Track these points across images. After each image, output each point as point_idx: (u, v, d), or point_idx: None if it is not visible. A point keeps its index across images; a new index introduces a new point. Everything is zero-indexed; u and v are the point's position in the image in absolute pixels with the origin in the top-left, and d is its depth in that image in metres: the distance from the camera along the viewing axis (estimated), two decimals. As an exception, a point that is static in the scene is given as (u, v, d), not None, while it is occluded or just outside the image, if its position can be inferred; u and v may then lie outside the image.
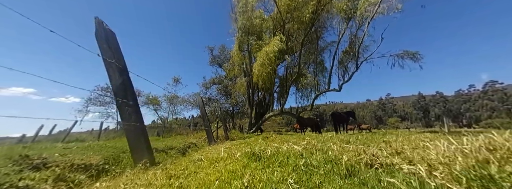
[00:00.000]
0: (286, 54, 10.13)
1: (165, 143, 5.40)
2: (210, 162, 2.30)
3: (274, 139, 4.83)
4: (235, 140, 8.94)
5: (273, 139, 4.95)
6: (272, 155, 2.17)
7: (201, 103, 5.82)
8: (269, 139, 5.17)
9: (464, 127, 57.26)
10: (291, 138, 5.06)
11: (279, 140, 4.60)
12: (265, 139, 5.31)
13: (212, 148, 4.83)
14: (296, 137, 5.11)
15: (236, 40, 14.24)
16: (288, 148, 2.69)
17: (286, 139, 5.00)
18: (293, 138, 4.88)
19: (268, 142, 4.30)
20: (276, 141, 4.44)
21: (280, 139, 4.77)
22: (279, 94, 15.75)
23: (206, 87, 24.02)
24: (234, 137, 10.23)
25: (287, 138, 4.99)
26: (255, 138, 6.01)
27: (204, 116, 5.83)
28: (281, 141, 4.10)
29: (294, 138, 4.86)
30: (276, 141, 4.44)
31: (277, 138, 5.12)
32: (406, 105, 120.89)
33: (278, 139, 4.97)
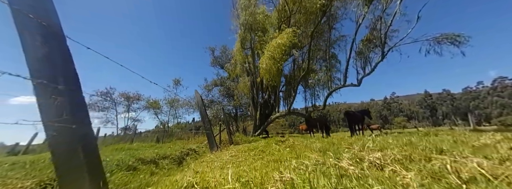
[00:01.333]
0: (293, 48, 9.22)
1: (158, 151, 4.45)
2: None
3: (294, 144, 3.83)
4: (240, 145, 7.96)
5: (291, 143, 3.95)
6: None
7: (200, 101, 4.91)
8: (285, 143, 4.17)
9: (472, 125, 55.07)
10: (312, 142, 4.06)
11: (302, 145, 3.59)
12: (280, 143, 4.31)
13: (214, 156, 3.85)
14: (319, 141, 4.11)
15: (238, 37, 13.42)
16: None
17: (306, 143, 3.99)
18: (315, 142, 3.88)
19: (288, 148, 3.31)
20: (298, 147, 3.43)
21: (301, 144, 3.76)
22: (285, 93, 14.76)
23: (207, 89, 23.23)
24: (239, 140, 9.28)
25: (308, 143, 3.98)
26: (266, 143, 5.03)
27: (204, 117, 4.90)
28: (307, 148, 3.09)
29: (317, 142, 3.86)
30: (298, 147, 3.43)
31: (296, 142, 4.11)
32: (412, 104, 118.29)
33: (298, 143, 3.97)
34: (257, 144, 5.70)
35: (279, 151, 3.05)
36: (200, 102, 4.89)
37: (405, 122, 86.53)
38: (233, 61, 16.13)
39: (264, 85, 15.77)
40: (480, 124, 69.27)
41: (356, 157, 1.76)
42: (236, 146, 6.90)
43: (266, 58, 8.12)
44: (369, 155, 1.74)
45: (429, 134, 4.20)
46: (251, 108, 16.83)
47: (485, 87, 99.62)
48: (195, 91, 5.10)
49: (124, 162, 2.77)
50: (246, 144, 7.19)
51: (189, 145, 6.17)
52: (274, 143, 4.35)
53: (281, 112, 13.64)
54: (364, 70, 9.31)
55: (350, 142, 2.87)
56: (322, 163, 1.57)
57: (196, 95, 5.07)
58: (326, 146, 2.96)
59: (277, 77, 8.78)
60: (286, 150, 3.11)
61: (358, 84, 9.49)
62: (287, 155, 2.45)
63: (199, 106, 4.96)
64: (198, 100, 4.97)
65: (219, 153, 4.33)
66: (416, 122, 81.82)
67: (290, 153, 2.70)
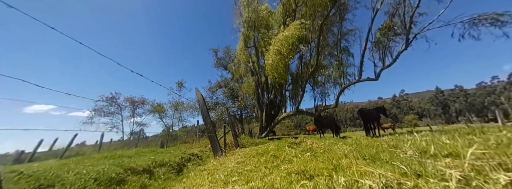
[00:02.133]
0: (300, 43, 8.62)
1: (155, 157, 3.91)
2: None
3: (312, 147, 3.18)
4: (246, 147, 7.36)
5: (310, 146, 3.30)
6: None
7: (201, 100, 4.38)
8: (301, 146, 3.53)
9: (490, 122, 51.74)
10: (333, 143, 3.40)
11: (324, 148, 2.94)
12: (295, 146, 3.67)
13: (217, 162, 3.27)
14: (342, 142, 3.45)
15: (241, 36, 12.96)
16: None
17: (328, 144, 3.34)
18: (338, 143, 3.23)
19: (307, 152, 2.69)
20: (320, 151, 2.78)
21: (322, 147, 3.10)
22: (292, 92, 14.09)
23: (211, 91, 22.90)
24: (245, 143, 8.69)
25: (330, 144, 3.33)
26: (277, 145, 4.41)
27: (206, 117, 4.35)
28: (334, 153, 2.45)
29: (341, 143, 3.21)
30: (320, 151, 2.78)
31: (314, 143, 3.45)
32: (422, 102, 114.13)
33: (317, 145, 3.32)
34: (266, 147, 5.09)
35: (297, 157, 2.43)
36: (201, 101, 4.36)
37: (416, 120, 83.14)
38: (237, 61, 15.67)
39: (269, 85, 15.18)
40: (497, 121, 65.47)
41: (436, 170, 1.13)
42: (243, 149, 6.31)
43: (272, 54, 7.54)
44: (452, 166, 1.11)
45: (473, 132, 3.44)
46: (256, 109, 16.24)
47: (501, 82, 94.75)
48: (196, 89, 4.58)
49: (105, 174, 2.24)
50: (253, 147, 6.58)
51: (191, 150, 5.64)
52: (287, 146, 3.72)
53: (289, 112, 12.96)
54: (383, 62, 8.38)
55: (392, 144, 2.21)
56: (398, 183, 0.95)
57: (196, 94, 4.55)
58: (359, 150, 2.32)
59: (284, 74, 8.16)
60: (305, 154, 2.48)
61: (376, 78, 8.60)
62: (315, 164, 1.83)
63: (200, 106, 4.43)
64: (199, 99, 4.44)
65: (223, 158, 3.75)
66: (428, 120, 78.51)
67: (315, 160, 2.07)
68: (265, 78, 14.89)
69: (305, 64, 10.64)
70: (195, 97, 4.51)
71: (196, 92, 4.55)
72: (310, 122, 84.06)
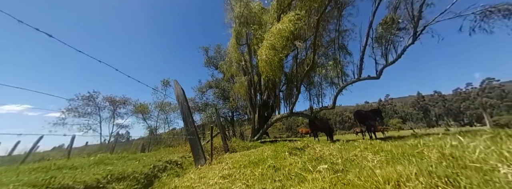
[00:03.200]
0: (295, 39, 8.09)
1: (115, 168, 2.97)
2: None
3: (324, 155, 2.46)
4: (237, 152, 6.53)
5: (320, 153, 2.58)
6: None
7: (181, 94, 3.53)
8: (308, 152, 2.80)
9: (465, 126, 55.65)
10: (348, 149, 2.72)
11: (343, 157, 2.23)
12: (298, 152, 2.93)
13: (197, 176, 2.45)
14: (353, 147, 2.79)
15: (233, 32, 12.25)
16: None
17: (341, 150, 2.64)
18: (358, 148, 2.55)
19: (322, 163, 1.97)
20: (339, 163, 2.07)
21: (338, 154, 2.40)
22: (286, 93, 13.53)
23: (201, 91, 21.80)
24: (235, 147, 7.83)
25: (342, 150, 2.64)
26: (274, 151, 3.66)
27: (187, 116, 3.51)
28: (362, 167, 1.75)
29: (361, 148, 2.54)
30: (339, 163, 2.07)
31: (324, 150, 2.73)
32: (405, 106, 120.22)
33: (328, 151, 2.60)
34: (260, 152, 4.31)
35: (309, 172, 1.71)
36: (181, 96, 3.52)
37: (401, 123, 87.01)
38: (228, 59, 14.88)
39: (262, 85, 14.53)
40: (472, 125, 70.36)
41: None
42: (233, 154, 5.47)
43: (266, 48, 6.90)
44: None
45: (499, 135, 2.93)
46: (248, 110, 15.46)
47: (474, 89, 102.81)
48: (174, 82, 3.74)
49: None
50: (245, 152, 5.77)
51: (171, 156, 4.70)
52: (288, 152, 2.99)
53: (283, 114, 12.32)
54: (386, 59, 7.94)
55: (420, 150, 1.58)
56: None
57: (175, 88, 3.70)
58: (398, 159, 1.64)
59: (278, 71, 7.52)
60: (320, 167, 1.76)
61: (377, 76, 8.16)
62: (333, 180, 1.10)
63: (179, 102, 3.58)
64: (178, 93, 3.59)
65: (207, 168, 2.92)
66: (412, 123, 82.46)
67: (345, 181, 1.34)
68: (258, 78, 14.23)
69: (301, 63, 10.13)
70: (174, 92, 3.66)
71: (175, 86, 3.70)
72: (301, 125, 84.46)
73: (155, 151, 9.79)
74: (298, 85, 9.86)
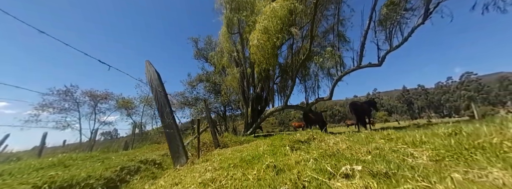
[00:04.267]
0: (291, 26, 7.43)
1: (66, 173, 2.25)
2: None
3: (342, 149, 1.92)
4: (229, 147, 5.97)
5: (335, 148, 2.03)
6: None
7: (156, 78, 2.80)
8: (315, 146, 2.25)
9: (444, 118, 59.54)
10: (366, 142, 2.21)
11: (363, 152, 1.70)
12: (302, 146, 2.39)
13: (169, 182, 1.81)
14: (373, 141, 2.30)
15: (224, 19, 11.28)
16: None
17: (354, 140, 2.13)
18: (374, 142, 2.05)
19: (348, 164, 1.40)
20: (365, 156, 1.53)
21: (357, 149, 1.86)
22: (281, 85, 13.02)
23: (191, 85, 20.71)
24: (227, 141, 7.28)
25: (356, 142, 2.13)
26: (271, 145, 3.12)
27: (164, 104, 2.81)
28: None
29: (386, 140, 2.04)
30: (365, 156, 1.53)
31: (340, 144, 2.20)
32: (391, 99, 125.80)
33: (344, 146, 2.07)
34: (254, 147, 3.76)
35: (333, 177, 1.15)
36: (155, 80, 2.78)
37: (387, 116, 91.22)
38: (219, 49, 13.94)
39: (255, 78, 13.87)
40: (451, 116, 75.30)
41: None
42: (223, 150, 4.88)
43: (258, 32, 6.19)
44: None
45: None
46: (241, 104, 14.85)
47: (454, 82, 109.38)
48: (146, 63, 2.97)
49: None
50: (237, 147, 5.21)
51: (148, 154, 4.01)
52: (289, 147, 2.44)
53: (277, 107, 11.86)
54: (391, 43, 7.37)
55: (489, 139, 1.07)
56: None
57: (147, 70, 2.94)
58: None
59: (272, 59, 6.90)
60: (347, 169, 1.21)
61: (379, 63, 7.73)
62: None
63: (153, 88, 2.85)
64: (151, 78, 2.84)
65: (186, 169, 2.30)
66: (397, 116, 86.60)
67: None
68: (251, 70, 13.53)
69: (296, 53, 9.55)
70: (146, 75, 2.91)
71: (147, 68, 2.93)
72: (294, 119, 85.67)
73: (139, 148, 8.99)
74: (293, 76, 9.33)
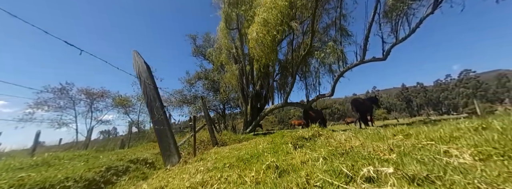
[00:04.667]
0: (291, 20, 7.12)
1: (40, 174, 2.00)
2: None
3: (355, 147, 1.67)
4: (227, 145, 5.75)
5: (348, 145, 1.78)
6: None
7: (145, 70, 2.52)
8: (321, 143, 2.01)
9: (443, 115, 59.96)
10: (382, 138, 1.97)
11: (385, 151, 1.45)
12: (307, 143, 2.15)
13: (154, 185, 1.56)
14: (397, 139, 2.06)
15: (222, 14, 10.94)
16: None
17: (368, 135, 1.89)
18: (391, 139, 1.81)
19: (367, 164, 1.15)
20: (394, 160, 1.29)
21: (375, 148, 1.62)
22: (280, 82, 12.76)
23: (190, 83, 20.41)
24: (226, 139, 7.07)
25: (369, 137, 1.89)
26: (271, 142, 2.89)
27: (154, 98, 2.54)
28: None
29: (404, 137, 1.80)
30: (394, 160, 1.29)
31: (353, 140, 1.94)
32: (390, 97, 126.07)
33: (356, 144, 1.82)
34: (253, 145, 3.54)
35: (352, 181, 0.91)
36: (144, 72, 2.50)
37: (386, 114, 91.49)
38: (217, 46, 13.61)
39: (255, 75, 13.60)
40: (449, 113, 75.79)
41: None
42: (221, 148, 4.66)
43: (257, 25, 5.90)
44: None
45: None
46: (240, 102, 14.61)
47: (453, 80, 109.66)
48: (134, 53, 2.69)
49: None
50: (236, 145, 4.98)
51: (140, 153, 3.76)
52: (291, 144, 2.21)
53: (277, 105, 11.63)
54: (397, 35, 6.96)
55: None
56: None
57: (135, 61, 2.65)
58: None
59: (272, 53, 6.62)
60: (369, 171, 0.97)
61: (384, 57, 7.38)
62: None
63: (141, 81, 2.57)
64: (139, 69, 2.56)
65: (178, 170, 2.05)
66: (396, 113, 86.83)
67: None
68: (250, 67, 13.24)
69: (297, 48, 9.26)
70: (134, 67, 2.63)
71: (134, 59, 2.65)
72: (293, 117, 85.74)
73: (135, 147, 8.76)
74: (294, 72, 9.06)
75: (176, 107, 20.65)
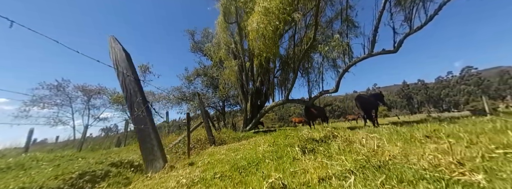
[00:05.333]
0: (295, 11, 6.63)
1: None
2: None
3: (385, 154, 1.27)
4: (225, 145, 5.39)
5: (372, 151, 1.38)
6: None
7: (122, 57, 2.10)
8: (336, 146, 1.62)
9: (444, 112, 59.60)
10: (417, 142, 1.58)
11: None
12: (319, 147, 1.77)
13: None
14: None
15: (220, 7, 10.40)
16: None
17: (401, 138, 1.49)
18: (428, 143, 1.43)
19: None
20: None
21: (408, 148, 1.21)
22: (281, 78, 12.34)
23: (189, 80, 19.99)
24: (225, 138, 6.74)
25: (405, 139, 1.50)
26: (273, 143, 2.53)
27: (134, 93, 2.13)
28: None
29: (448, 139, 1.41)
30: None
31: (380, 142, 1.56)
32: (390, 94, 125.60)
33: (388, 146, 1.43)
34: (252, 146, 3.17)
35: None
36: (122, 62, 2.09)
37: (386, 111, 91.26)
38: (216, 41, 13.11)
39: (255, 71, 13.16)
40: (450, 111, 75.57)
41: None
42: (218, 148, 4.29)
43: (258, 14, 5.43)
44: None
45: None
46: (240, 99, 14.23)
47: (455, 77, 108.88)
48: (110, 39, 2.27)
49: None
50: (234, 144, 4.62)
51: (126, 154, 3.39)
52: (299, 148, 1.82)
53: (277, 102, 11.24)
54: (411, 24, 6.30)
55: None
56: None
57: (111, 47, 2.23)
58: None
59: (274, 46, 6.16)
60: None
61: (395, 49, 6.78)
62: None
63: (119, 71, 2.16)
64: (116, 57, 2.14)
65: (161, 177, 1.67)
66: (397, 111, 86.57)
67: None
68: (250, 63, 12.79)
69: (299, 42, 8.78)
70: (110, 55, 2.21)
71: (110, 45, 2.21)
72: (293, 114, 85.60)
73: (130, 145, 8.44)
74: (296, 67, 8.60)
75: (175, 105, 20.30)
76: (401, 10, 6.28)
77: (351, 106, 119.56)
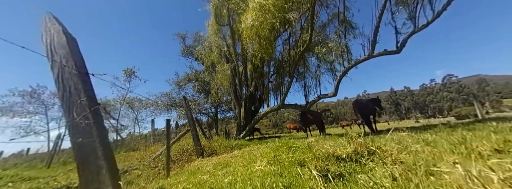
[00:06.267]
0: (290, 11, 6.38)
1: None
2: None
3: None
4: (216, 155, 4.70)
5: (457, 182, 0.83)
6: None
7: (62, 41, 1.52)
8: (382, 171, 1.07)
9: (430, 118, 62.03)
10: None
11: None
12: (348, 168, 1.21)
13: None
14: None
15: (212, 8, 10.08)
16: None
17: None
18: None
19: None
20: None
21: None
22: (276, 83, 11.93)
23: (179, 85, 19.10)
24: (217, 147, 6.00)
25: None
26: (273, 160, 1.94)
27: (73, 91, 1.49)
28: None
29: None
30: None
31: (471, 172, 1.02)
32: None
33: None
34: (246, 161, 2.55)
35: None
36: (61, 48, 1.43)
37: (377, 117, 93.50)
38: (207, 43, 12.64)
39: (248, 75, 12.70)
40: (435, 117, 78.72)
41: None
42: (206, 161, 3.61)
43: (252, 11, 5.05)
44: None
45: None
46: (233, 105, 13.56)
47: (437, 84, 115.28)
48: (45, 18, 1.64)
49: None
50: (225, 156, 3.94)
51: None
52: (318, 173, 1.26)
53: (272, 107, 10.71)
54: (416, 22, 6.01)
55: None
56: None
57: (45, 27, 1.60)
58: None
59: (270, 46, 5.76)
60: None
61: (398, 49, 6.40)
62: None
63: (56, 59, 1.49)
64: (52, 41, 1.50)
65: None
66: (386, 117, 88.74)
67: None
68: (244, 67, 12.35)
69: (294, 45, 8.50)
70: (42, 39, 1.56)
71: (45, 26, 1.54)
72: (288, 121, 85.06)
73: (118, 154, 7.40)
74: (291, 70, 8.23)
75: (164, 111, 19.14)
76: (404, 8, 6.13)
77: (343, 112, 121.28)
